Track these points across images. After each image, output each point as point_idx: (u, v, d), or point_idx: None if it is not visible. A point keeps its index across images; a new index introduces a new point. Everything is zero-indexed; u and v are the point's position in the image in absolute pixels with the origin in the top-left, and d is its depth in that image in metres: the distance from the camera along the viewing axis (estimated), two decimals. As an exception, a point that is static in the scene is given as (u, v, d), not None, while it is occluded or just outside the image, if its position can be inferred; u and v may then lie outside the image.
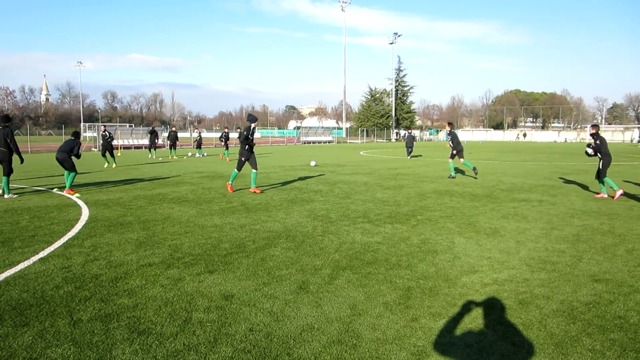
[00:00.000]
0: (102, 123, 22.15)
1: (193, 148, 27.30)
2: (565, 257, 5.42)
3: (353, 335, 3.37)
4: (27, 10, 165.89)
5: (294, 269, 4.90)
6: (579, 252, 5.64)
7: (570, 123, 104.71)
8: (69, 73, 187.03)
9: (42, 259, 5.19)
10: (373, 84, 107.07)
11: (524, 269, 4.94)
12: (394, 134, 74.87)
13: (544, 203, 9.41)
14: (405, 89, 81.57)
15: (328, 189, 11.42)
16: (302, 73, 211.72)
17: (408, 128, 29.05)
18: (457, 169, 15.73)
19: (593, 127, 10.70)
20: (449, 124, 15.27)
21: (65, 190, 10.56)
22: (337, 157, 26.53)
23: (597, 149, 10.20)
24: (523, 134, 76.69)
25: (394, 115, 76.88)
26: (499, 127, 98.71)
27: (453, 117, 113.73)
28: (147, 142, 33.43)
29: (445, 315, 3.73)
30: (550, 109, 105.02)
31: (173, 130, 26.22)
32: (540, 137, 78.10)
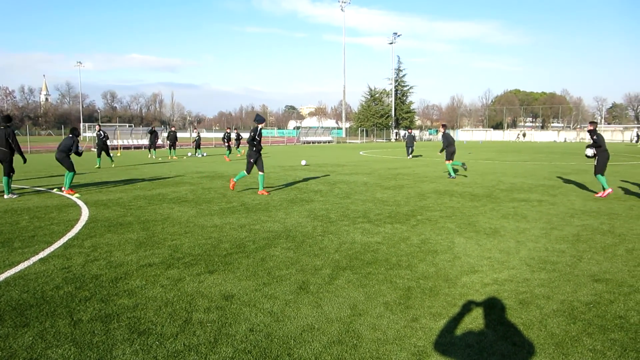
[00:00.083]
0: (97, 123, 21.90)
1: (192, 148, 27.28)
2: (566, 257, 5.42)
3: (353, 336, 3.37)
4: (26, 10, 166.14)
5: (294, 269, 4.90)
6: (579, 252, 5.64)
7: (570, 123, 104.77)
8: (69, 73, 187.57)
9: (42, 260, 5.19)
10: (373, 84, 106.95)
11: (524, 269, 4.94)
12: (394, 134, 74.88)
13: (544, 203, 9.41)
14: (405, 89, 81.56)
15: (328, 189, 11.42)
16: (301, 73, 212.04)
17: (408, 128, 29.07)
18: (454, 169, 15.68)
19: (591, 124, 10.80)
20: (443, 126, 15.51)
21: (64, 190, 10.57)
22: (336, 157, 26.53)
23: (595, 145, 10.31)
24: (523, 134, 76.68)
25: (394, 115, 76.88)
26: (499, 127, 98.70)
27: (453, 117, 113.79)
28: (146, 142, 33.45)
29: (446, 315, 3.73)
30: (550, 109, 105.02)
31: (172, 131, 26.21)
32: (540, 137, 78.11)
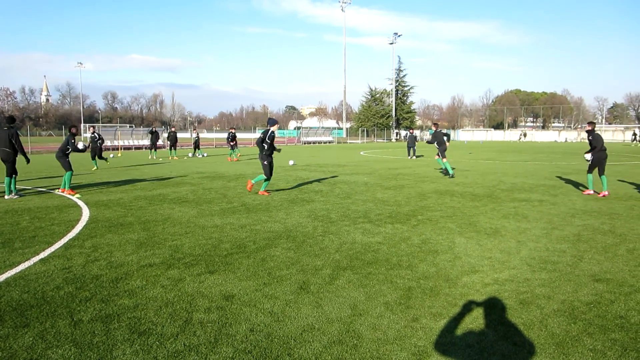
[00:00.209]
0: (91, 124, 21.61)
1: (192, 149, 27.33)
2: (566, 256, 5.42)
3: (354, 336, 3.36)
4: (27, 11, 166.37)
5: (295, 269, 4.89)
6: (580, 251, 5.64)
7: (571, 123, 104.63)
8: (69, 74, 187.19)
9: (42, 260, 5.19)
10: (373, 84, 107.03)
11: (525, 269, 4.93)
12: (394, 134, 74.85)
13: (545, 203, 9.40)
14: (406, 89, 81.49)
15: (328, 189, 11.42)
16: (302, 73, 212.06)
17: (410, 128, 28.93)
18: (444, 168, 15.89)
19: (589, 124, 10.86)
20: (434, 124, 15.79)
21: (64, 190, 10.60)
22: (337, 157, 26.53)
23: (590, 146, 10.44)
24: (523, 134, 76.64)
25: (394, 116, 76.84)
26: (500, 127, 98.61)
27: (453, 117, 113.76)
28: (147, 142, 33.51)
29: (446, 315, 3.73)
30: (551, 109, 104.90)
31: (172, 131, 26.24)
32: (541, 137, 78.04)
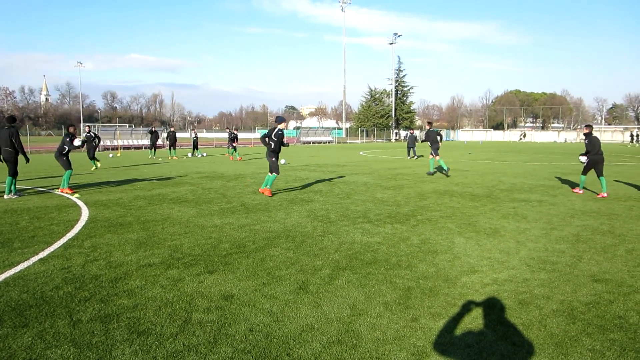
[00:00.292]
0: (86, 124, 21.41)
1: (190, 148, 27.36)
2: (565, 257, 5.42)
3: (353, 336, 3.37)
4: (26, 11, 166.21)
5: (294, 269, 4.90)
6: (579, 252, 5.64)
7: (570, 123, 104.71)
8: (69, 73, 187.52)
9: (41, 260, 5.19)
10: (373, 84, 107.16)
11: (524, 269, 4.94)
12: (394, 134, 74.87)
13: (544, 203, 9.41)
14: (405, 89, 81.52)
15: (328, 189, 11.42)
16: (301, 73, 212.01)
17: (410, 128, 28.96)
18: (438, 168, 16.04)
19: (586, 127, 10.95)
20: (428, 123, 16.11)
21: (61, 190, 10.64)
22: (337, 157, 26.53)
23: (587, 151, 10.57)
24: (523, 135, 76.70)
25: (394, 116, 76.87)
26: (499, 127, 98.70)
27: (453, 117, 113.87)
28: (146, 142, 33.52)
29: (445, 316, 3.73)
30: (550, 110, 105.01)
31: (172, 131, 26.23)
32: (540, 137, 78.10)
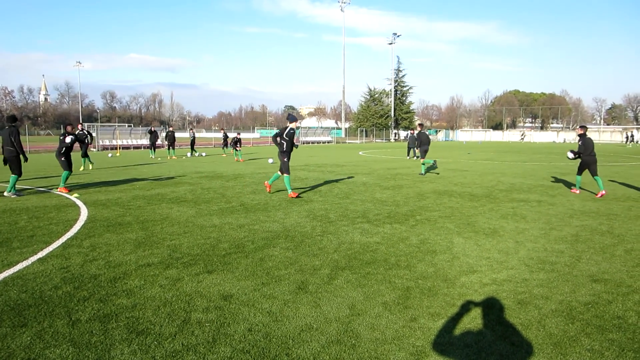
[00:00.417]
0: (79, 123, 21.07)
1: (189, 148, 27.37)
2: (564, 257, 5.43)
3: (352, 336, 3.37)
4: (25, 11, 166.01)
5: (293, 269, 4.89)
6: (578, 252, 5.65)
7: (569, 124, 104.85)
8: (68, 73, 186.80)
9: (40, 259, 5.18)
10: (372, 84, 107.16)
11: (523, 269, 4.94)
12: (393, 134, 74.87)
13: (543, 203, 9.42)
14: (405, 89, 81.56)
15: (327, 189, 11.41)
16: (301, 73, 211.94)
17: (411, 129, 28.98)
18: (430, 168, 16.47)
19: (581, 128, 11.09)
20: (419, 125, 16.62)
21: (59, 189, 10.68)
22: (336, 157, 26.53)
23: (578, 152, 10.74)
24: (523, 134, 76.77)
25: (393, 116, 76.89)
26: (498, 127, 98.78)
27: (452, 117, 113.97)
28: (145, 142, 33.52)
29: (444, 315, 3.73)
30: (549, 110, 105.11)
31: (171, 131, 26.25)
32: (539, 137, 78.16)
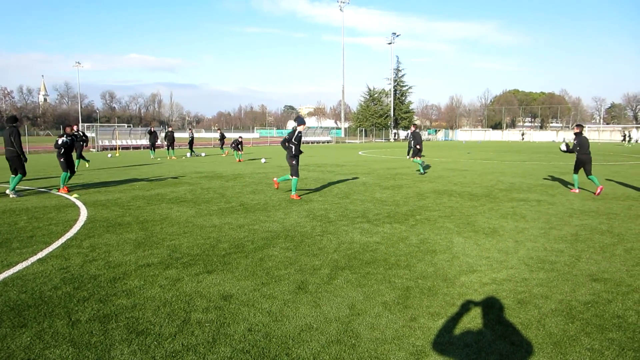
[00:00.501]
0: (75, 124, 20.65)
1: (187, 148, 27.37)
2: (564, 256, 5.43)
3: (352, 335, 3.37)
4: (24, 11, 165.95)
5: (293, 269, 4.89)
6: (578, 251, 5.65)
7: (569, 123, 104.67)
8: (67, 73, 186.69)
9: (40, 260, 5.18)
10: (372, 84, 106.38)
11: (523, 269, 4.94)
12: (393, 134, 74.88)
13: (543, 203, 9.42)
14: (404, 89, 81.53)
15: (326, 189, 11.41)
16: (300, 73, 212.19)
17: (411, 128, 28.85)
18: (426, 167, 16.68)
19: (577, 126, 11.36)
20: (413, 125, 17.20)
21: (59, 190, 10.74)
22: (335, 157, 26.53)
23: (572, 149, 10.99)
24: (522, 134, 76.80)
25: (393, 115, 76.89)
26: (498, 127, 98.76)
27: (451, 117, 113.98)
28: (145, 142, 33.54)
29: (444, 315, 3.73)
30: (549, 109, 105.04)
31: (170, 131, 26.26)
32: (539, 137, 78.15)
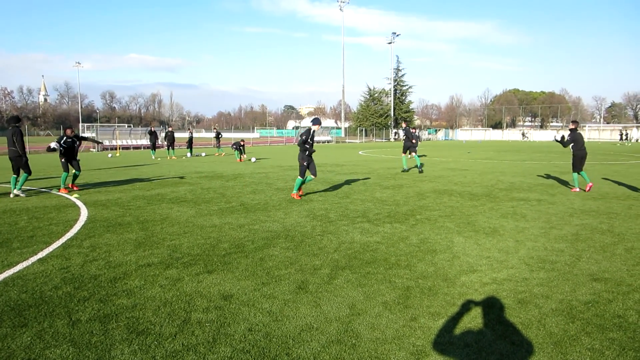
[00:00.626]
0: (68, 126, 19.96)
1: (186, 148, 27.34)
2: (564, 256, 5.43)
3: (352, 335, 3.37)
4: (25, 11, 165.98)
5: (293, 269, 4.89)
6: (578, 251, 5.65)
7: (569, 122, 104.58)
8: (67, 73, 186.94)
9: (40, 260, 5.18)
10: (372, 84, 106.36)
11: (523, 268, 4.94)
12: (393, 134, 74.88)
13: (543, 202, 9.42)
14: (404, 89, 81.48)
15: (327, 189, 11.41)
16: (300, 73, 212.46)
17: (413, 128, 28.84)
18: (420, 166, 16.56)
19: (572, 123, 11.80)
20: (405, 121, 17.54)
21: (61, 190, 10.76)
22: (335, 156, 26.52)
23: (565, 143, 11.41)
24: (522, 134, 76.80)
25: (393, 115, 76.87)
26: (498, 126, 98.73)
27: (452, 116, 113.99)
28: (145, 142, 33.54)
29: (445, 315, 3.73)
30: (549, 109, 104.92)
31: (170, 131, 26.27)
32: (539, 136, 78.11)
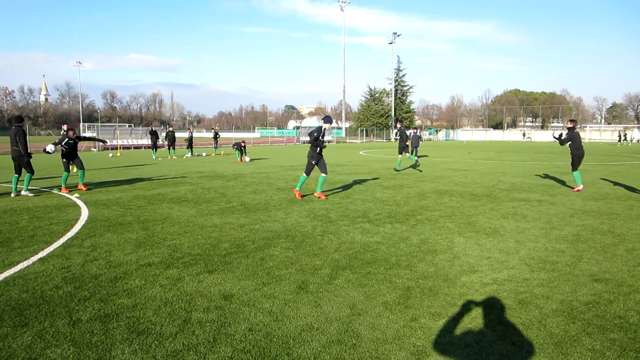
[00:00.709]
0: (65, 122, 19.87)
1: (186, 148, 27.35)
2: (565, 256, 5.42)
3: (352, 335, 3.36)
4: (26, 11, 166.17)
5: (294, 269, 4.89)
6: (579, 251, 5.64)
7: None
8: (68, 73, 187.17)
9: (41, 259, 5.19)
10: (372, 84, 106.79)
11: (524, 269, 4.94)
12: (394, 134, 74.90)
13: (544, 203, 9.41)
14: (405, 89, 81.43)
15: (327, 189, 11.40)
16: (301, 73, 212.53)
17: (414, 128, 28.84)
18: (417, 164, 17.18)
19: (570, 121, 11.77)
20: (399, 121, 17.79)
21: (62, 190, 10.78)
22: (336, 156, 26.52)
23: (563, 141, 11.54)
24: (522, 134, 76.76)
25: (394, 115, 76.88)
26: (499, 127, 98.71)
27: (452, 116, 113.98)
28: (146, 142, 33.58)
29: (445, 315, 3.73)
30: (550, 109, 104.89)
31: (171, 131, 26.28)
32: (540, 136, 78.03)
